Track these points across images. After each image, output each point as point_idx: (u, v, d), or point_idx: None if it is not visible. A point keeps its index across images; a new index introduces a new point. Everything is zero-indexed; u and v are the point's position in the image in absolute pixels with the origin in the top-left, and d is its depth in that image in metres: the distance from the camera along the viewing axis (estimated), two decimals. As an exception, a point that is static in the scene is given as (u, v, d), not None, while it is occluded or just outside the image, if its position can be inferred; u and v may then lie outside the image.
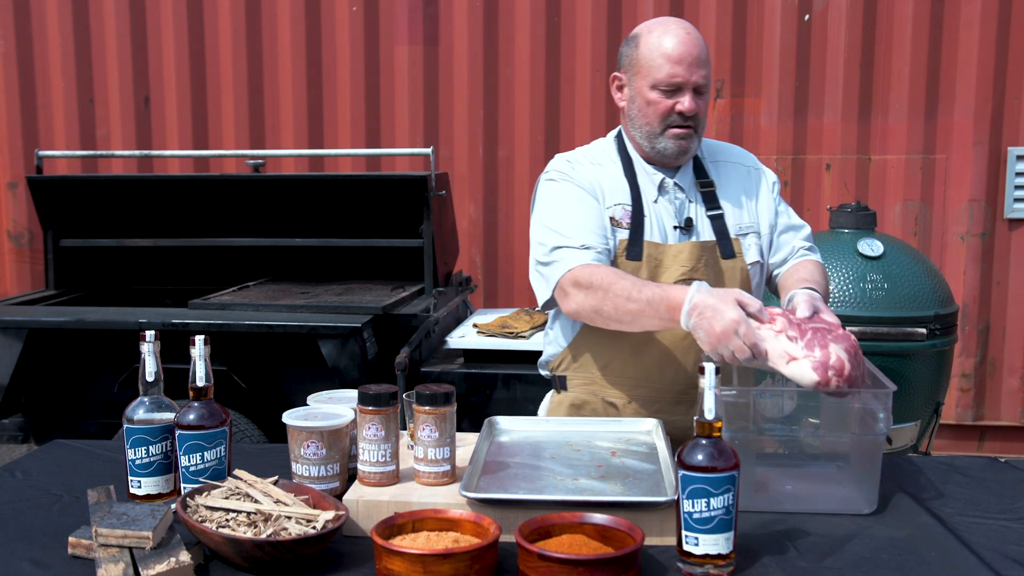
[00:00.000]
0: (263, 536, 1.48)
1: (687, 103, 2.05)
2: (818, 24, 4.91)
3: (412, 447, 1.75)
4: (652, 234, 2.10)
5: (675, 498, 1.49)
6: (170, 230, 4.36)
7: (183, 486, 1.71)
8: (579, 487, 1.67)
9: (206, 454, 1.70)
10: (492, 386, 3.57)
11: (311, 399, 1.93)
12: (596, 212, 2.10)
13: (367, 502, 1.64)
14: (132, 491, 1.75)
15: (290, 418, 1.74)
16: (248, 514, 1.54)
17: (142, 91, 5.25)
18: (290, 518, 1.53)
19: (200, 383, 1.71)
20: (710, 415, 1.47)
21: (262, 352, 3.62)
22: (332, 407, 1.84)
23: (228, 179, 4.51)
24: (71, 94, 5.26)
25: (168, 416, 1.74)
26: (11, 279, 5.36)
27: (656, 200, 2.13)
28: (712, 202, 2.15)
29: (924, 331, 3.35)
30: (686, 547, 1.47)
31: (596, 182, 2.13)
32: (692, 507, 1.45)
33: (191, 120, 5.25)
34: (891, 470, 1.92)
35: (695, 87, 2.05)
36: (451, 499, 1.63)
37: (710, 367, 1.46)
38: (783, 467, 1.84)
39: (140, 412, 1.74)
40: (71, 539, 1.55)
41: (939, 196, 4.93)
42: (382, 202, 4.21)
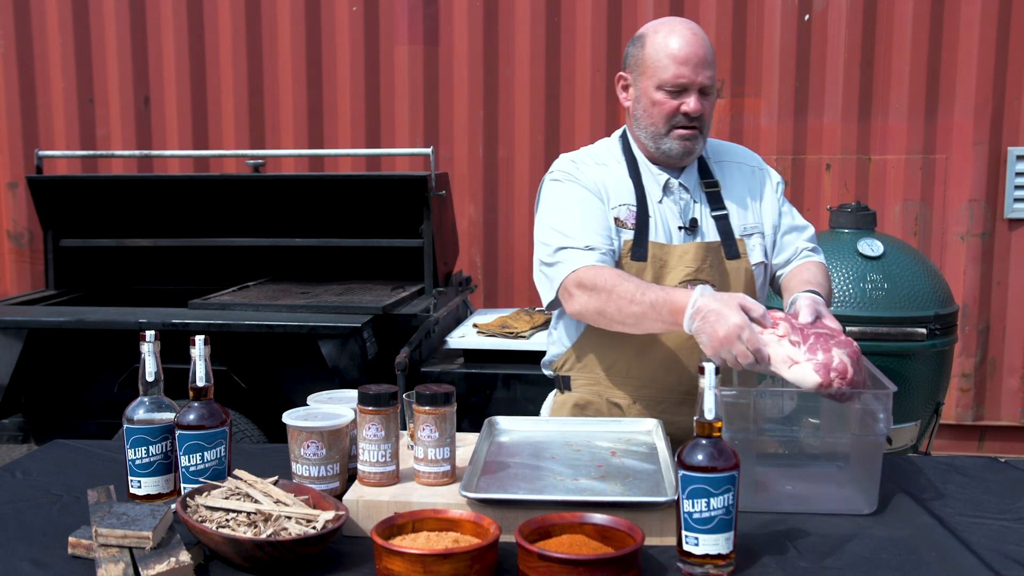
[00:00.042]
0: (263, 536, 1.48)
1: (692, 104, 2.04)
2: (818, 24, 4.91)
3: (412, 447, 1.75)
4: (657, 235, 2.10)
5: (675, 498, 1.49)
6: (170, 230, 4.36)
7: (183, 486, 1.71)
8: (579, 487, 1.67)
9: (206, 454, 1.70)
10: (492, 386, 3.57)
11: (311, 399, 1.93)
12: (600, 213, 2.09)
13: (367, 502, 1.64)
14: (132, 491, 1.75)
15: (290, 418, 1.74)
16: (248, 514, 1.54)
17: (142, 91, 5.25)
18: (290, 518, 1.53)
19: (200, 383, 1.71)
20: (710, 415, 1.47)
21: (262, 352, 3.62)
22: (332, 407, 1.84)
23: (228, 179, 4.51)
24: (71, 94, 5.26)
25: (168, 416, 1.74)
26: (11, 279, 5.36)
27: (661, 200, 2.13)
28: (717, 202, 2.15)
29: (924, 331, 3.36)
30: (686, 547, 1.47)
31: (600, 182, 2.13)
32: (692, 507, 1.45)
33: (191, 120, 5.25)
34: (891, 470, 1.92)
35: (701, 88, 2.05)
36: (451, 499, 1.63)
37: (710, 367, 1.46)
38: (783, 467, 1.84)
39: (140, 412, 1.74)
40: (71, 539, 1.55)
41: (939, 196, 4.93)
42: (382, 202, 4.21)
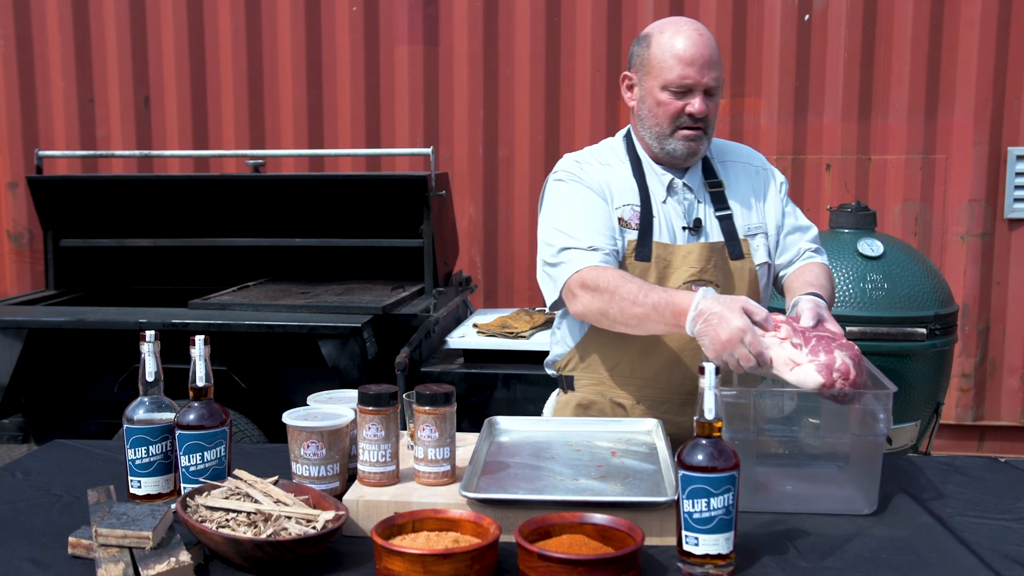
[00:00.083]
0: (263, 536, 1.48)
1: (697, 105, 2.03)
2: (818, 24, 4.91)
3: (412, 447, 1.75)
4: (661, 235, 2.09)
5: (675, 498, 1.49)
6: (170, 230, 4.36)
7: (183, 486, 1.71)
8: (579, 487, 1.67)
9: (206, 454, 1.70)
10: (492, 386, 3.57)
11: (311, 399, 1.93)
12: (604, 213, 2.09)
13: (367, 502, 1.64)
14: (132, 491, 1.75)
15: (290, 418, 1.74)
16: (248, 514, 1.54)
17: (142, 91, 5.25)
18: (290, 518, 1.53)
19: (200, 383, 1.71)
20: (710, 415, 1.47)
21: (262, 352, 3.62)
22: (332, 407, 1.84)
23: (228, 179, 4.51)
24: (71, 94, 5.26)
25: (168, 416, 1.74)
26: (11, 279, 5.36)
27: (665, 201, 2.12)
28: (721, 203, 2.14)
29: (924, 331, 3.36)
30: (686, 547, 1.47)
31: (604, 182, 2.12)
32: (692, 507, 1.45)
33: (191, 120, 5.25)
34: (891, 470, 1.92)
35: (706, 89, 2.04)
36: (451, 499, 1.63)
37: (710, 367, 1.46)
38: (783, 467, 1.84)
39: (140, 412, 1.74)
40: (71, 539, 1.55)
41: (939, 196, 4.93)
42: (382, 202, 4.21)
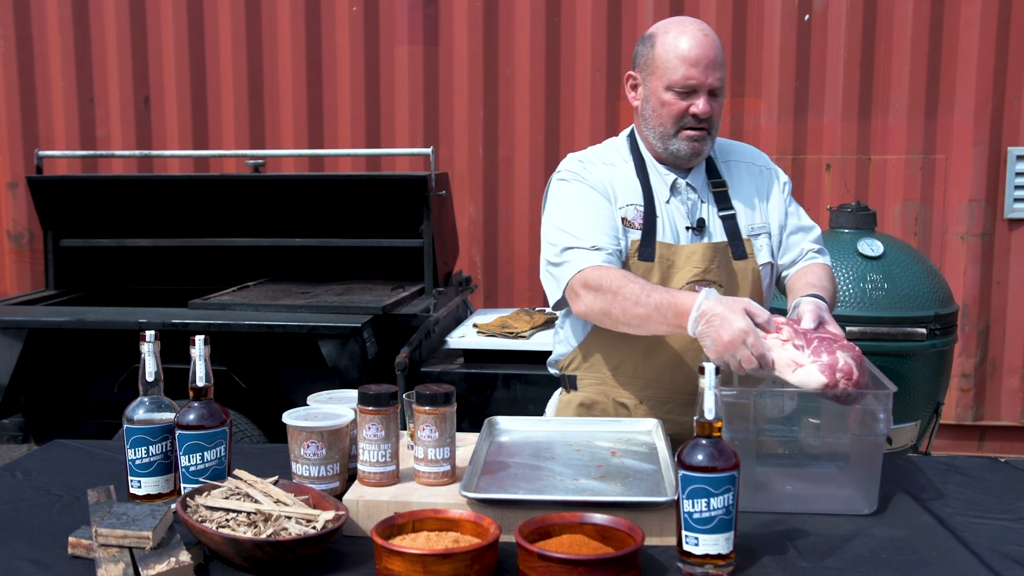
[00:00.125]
0: (263, 536, 1.48)
1: (701, 106, 2.04)
2: (818, 24, 4.91)
3: (412, 447, 1.75)
4: (664, 235, 2.09)
5: (675, 498, 1.49)
6: (170, 230, 4.36)
7: (183, 486, 1.71)
8: (579, 487, 1.67)
9: (206, 454, 1.70)
10: (492, 386, 3.57)
11: (311, 399, 1.93)
12: (607, 213, 2.08)
13: (367, 502, 1.64)
14: (132, 491, 1.75)
15: (290, 418, 1.74)
16: (248, 514, 1.54)
17: (142, 91, 5.25)
18: (290, 518, 1.53)
19: (200, 383, 1.71)
20: (710, 415, 1.47)
21: (262, 352, 3.62)
22: (332, 407, 1.84)
23: (228, 179, 4.51)
24: (71, 94, 5.26)
25: (168, 416, 1.74)
26: (11, 279, 5.36)
27: (668, 201, 2.12)
28: (724, 202, 2.14)
29: (924, 331, 3.36)
30: (686, 547, 1.47)
31: (608, 182, 2.12)
32: (692, 507, 1.45)
33: (191, 120, 5.25)
34: (891, 470, 1.92)
35: (710, 89, 2.04)
36: (451, 499, 1.63)
37: (710, 367, 1.46)
38: (783, 467, 1.84)
39: (140, 412, 1.74)
40: (71, 539, 1.55)
41: (939, 196, 4.93)
42: (382, 202, 4.21)
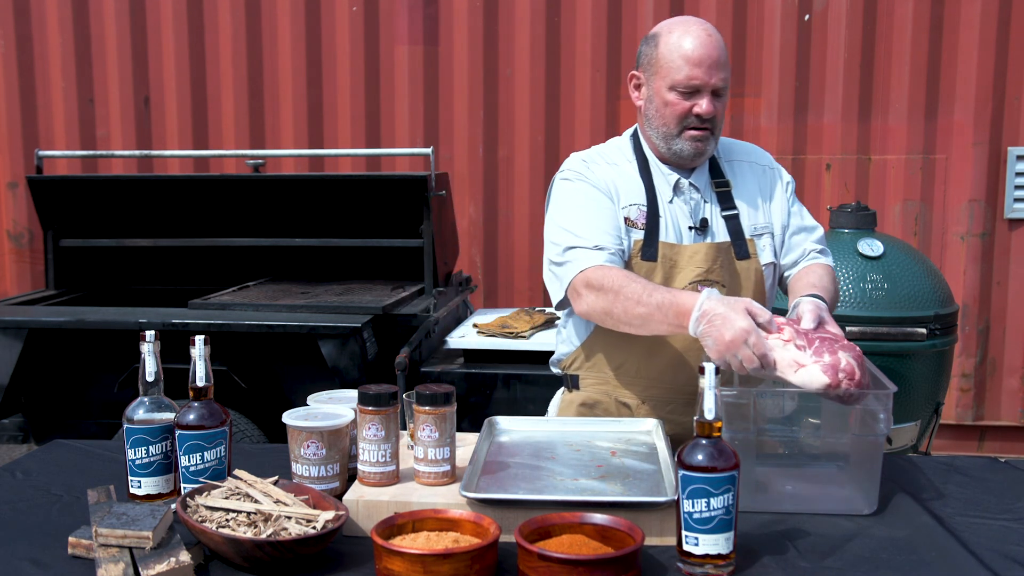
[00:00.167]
0: (263, 536, 1.48)
1: (705, 106, 2.03)
2: (818, 24, 4.91)
3: (412, 447, 1.75)
4: (667, 235, 2.09)
5: (675, 498, 1.49)
6: (170, 230, 4.36)
7: (183, 486, 1.71)
8: (579, 487, 1.67)
9: (206, 454, 1.70)
10: (492, 386, 3.57)
11: (311, 399, 1.93)
12: (610, 212, 2.08)
13: (367, 502, 1.64)
14: (132, 491, 1.75)
15: (290, 418, 1.74)
16: (248, 514, 1.54)
17: (142, 91, 5.25)
18: (290, 518, 1.53)
19: (200, 383, 1.71)
20: (710, 415, 1.47)
21: (262, 352, 3.62)
22: (332, 407, 1.84)
23: (228, 179, 4.51)
24: (71, 94, 5.26)
25: (168, 416, 1.74)
26: (11, 279, 5.36)
27: (671, 200, 2.12)
28: (727, 202, 2.14)
29: (924, 331, 3.36)
30: (686, 547, 1.47)
31: (611, 182, 2.12)
32: (692, 507, 1.45)
33: (191, 120, 5.25)
34: (891, 470, 1.92)
35: (714, 89, 2.03)
36: (451, 499, 1.63)
37: (710, 367, 1.46)
38: (783, 467, 1.84)
39: (140, 412, 1.74)
40: (71, 539, 1.55)
41: (939, 196, 4.93)
42: (382, 202, 4.21)
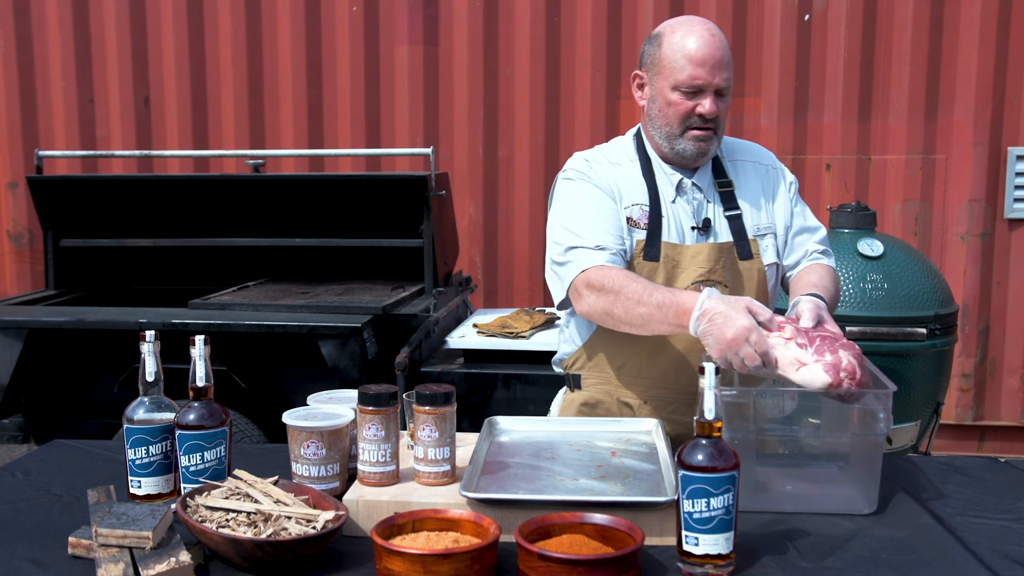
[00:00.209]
0: (263, 536, 1.48)
1: (708, 106, 2.03)
2: (818, 24, 4.91)
3: (412, 447, 1.75)
4: (670, 235, 2.09)
5: (675, 498, 1.49)
6: (170, 230, 4.36)
7: (183, 486, 1.71)
8: (579, 487, 1.67)
9: (206, 454, 1.70)
10: (492, 386, 3.57)
11: (311, 399, 1.93)
12: (612, 212, 2.08)
13: (367, 502, 1.64)
14: (132, 491, 1.75)
15: (290, 418, 1.74)
16: (248, 514, 1.54)
17: (142, 91, 5.25)
18: (290, 518, 1.53)
19: (200, 383, 1.71)
20: (710, 415, 1.47)
21: (262, 352, 3.62)
22: (332, 407, 1.84)
23: (228, 179, 4.51)
24: (71, 94, 5.26)
25: (168, 416, 1.74)
26: (11, 279, 5.36)
27: (674, 200, 2.12)
28: (730, 202, 2.14)
29: (924, 331, 3.35)
30: (686, 547, 1.47)
31: (614, 182, 2.12)
32: (692, 507, 1.45)
33: (191, 120, 5.25)
34: (891, 470, 1.92)
35: (717, 89, 2.03)
36: (451, 499, 1.63)
37: (710, 367, 1.46)
38: (783, 467, 1.84)
39: (140, 412, 1.74)
40: (71, 539, 1.55)
41: (939, 196, 4.93)
42: (382, 202, 4.21)
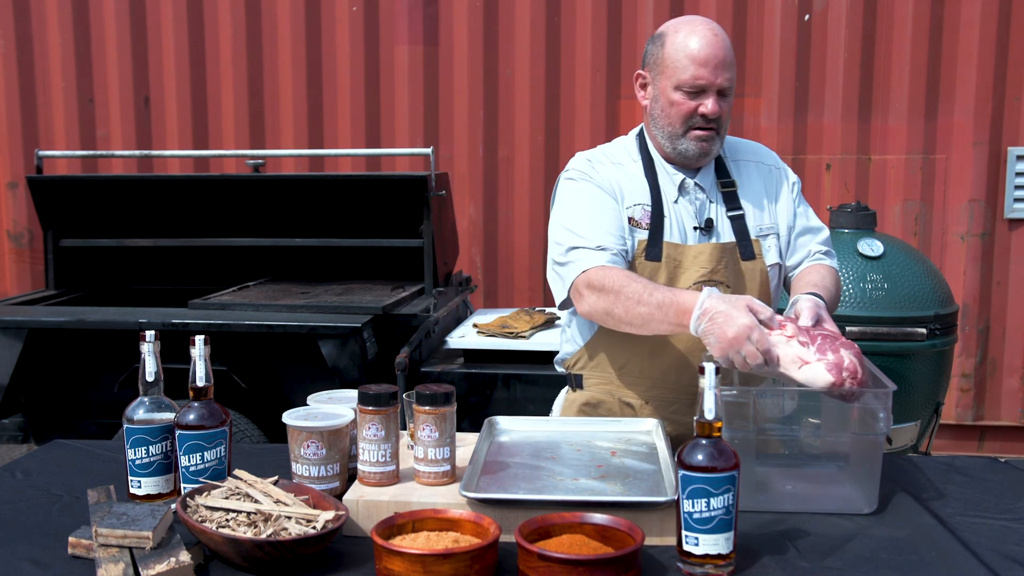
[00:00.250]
0: (263, 536, 1.48)
1: (710, 106, 2.02)
2: (818, 24, 4.91)
3: (412, 447, 1.75)
4: (672, 235, 2.08)
5: (675, 498, 1.49)
6: (170, 230, 4.36)
7: (183, 486, 1.71)
8: (579, 487, 1.67)
9: (206, 454, 1.70)
10: (492, 386, 3.57)
11: (311, 399, 1.93)
12: (614, 213, 2.08)
13: (367, 502, 1.64)
14: (132, 491, 1.75)
15: (290, 418, 1.74)
16: (248, 514, 1.54)
17: (142, 91, 5.25)
18: (290, 518, 1.53)
19: (200, 383, 1.71)
20: (710, 415, 1.47)
21: (262, 352, 3.62)
22: (332, 407, 1.84)
23: (228, 179, 4.51)
24: (71, 94, 5.26)
25: (168, 416, 1.74)
26: (11, 279, 5.36)
27: (676, 200, 2.11)
28: (733, 202, 2.13)
29: (924, 331, 3.36)
30: (686, 547, 1.47)
31: (616, 182, 2.11)
32: (692, 507, 1.45)
33: (191, 120, 5.25)
34: (891, 470, 1.92)
35: (719, 89, 2.02)
36: (451, 499, 1.63)
37: (710, 367, 1.46)
38: (783, 467, 1.84)
39: (140, 412, 1.74)
40: (71, 539, 1.55)
41: (939, 196, 4.93)
42: (382, 202, 4.21)
